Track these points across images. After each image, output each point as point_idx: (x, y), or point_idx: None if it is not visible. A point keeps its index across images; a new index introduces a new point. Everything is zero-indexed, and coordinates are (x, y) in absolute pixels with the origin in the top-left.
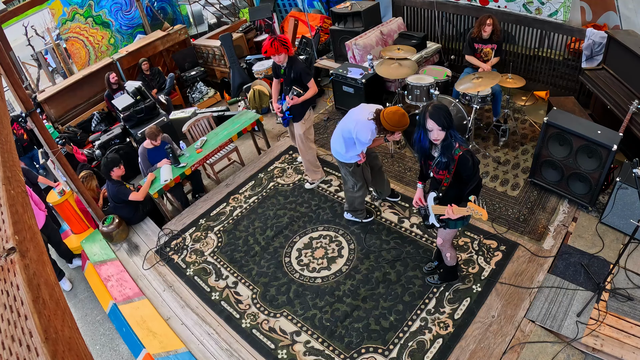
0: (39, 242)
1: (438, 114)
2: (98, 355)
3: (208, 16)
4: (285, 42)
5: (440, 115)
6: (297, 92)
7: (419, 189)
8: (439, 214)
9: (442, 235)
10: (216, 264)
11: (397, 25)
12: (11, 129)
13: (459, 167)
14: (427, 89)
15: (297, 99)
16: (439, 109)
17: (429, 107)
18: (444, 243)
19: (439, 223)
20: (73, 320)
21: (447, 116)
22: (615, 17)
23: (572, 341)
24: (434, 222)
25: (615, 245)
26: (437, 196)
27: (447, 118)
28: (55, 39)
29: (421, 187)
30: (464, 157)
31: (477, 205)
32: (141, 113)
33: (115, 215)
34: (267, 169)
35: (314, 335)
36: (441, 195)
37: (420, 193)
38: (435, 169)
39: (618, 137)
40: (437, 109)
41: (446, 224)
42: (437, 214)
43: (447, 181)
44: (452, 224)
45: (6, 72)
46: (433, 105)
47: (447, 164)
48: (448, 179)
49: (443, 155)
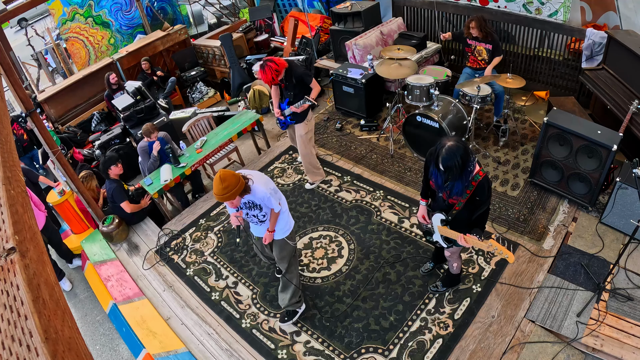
0: (39, 242)
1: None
2: (98, 355)
3: (208, 16)
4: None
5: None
6: (309, 101)
7: (422, 206)
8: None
9: (451, 250)
10: (216, 264)
11: (397, 25)
12: (11, 129)
13: (476, 192)
14: (427, 89)
15: (308, 104)
16: (451, 156)
17: (442, 151)
18: (452, 255)
19: (446, 244)
20: (73, 320)
21: (459, 165)
22: (615, 17)
23: (572, 341)
24: (440, 241)
25: (615, 245)
26: (446, 219)
27: (459, 168)
28: (55, 39)
29: (424, 204)
30: (482, 184)
31: (500, 244)
32: (141, 113)
33: (115, 215)
34: (267, 169)
35: (314, 335)
36: (450, 220)
37: (424, 210)
38: (449, 194)
39: (618, 137)
40: (450, 156)
41: (453, 244)
42: (442, 235)
43: (459, 205)
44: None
45: (6, 72)
46: (447, 148)
47: (464, 190)
48: (461, 204)
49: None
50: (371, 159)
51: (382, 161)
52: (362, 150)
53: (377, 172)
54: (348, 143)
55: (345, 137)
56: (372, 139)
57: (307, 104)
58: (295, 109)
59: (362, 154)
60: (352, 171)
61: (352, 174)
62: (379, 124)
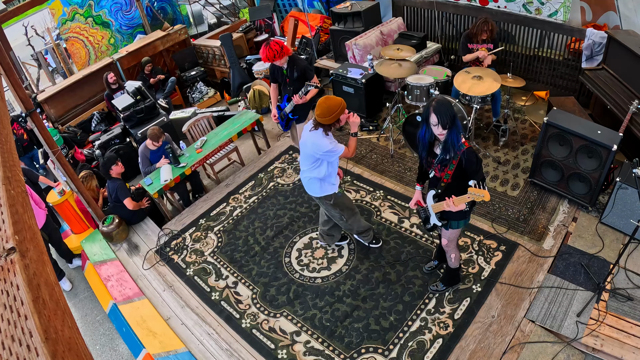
0: (39, 242)
1: (441, 110)
2: (98, 355)
3: (208, 16)
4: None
5: (442, 112)
6: (313, 85)
7: (417, 191)
8: (440, 211)
9: (447, 236)
10: (216, 264)
11: (397, 25)
12: (11, 129)
13: (464, 163)
14: (427, 89)
15: (314, 90)
16: (442, 105)
17: (433, 102)
18: (449, 244)
19: (440, 222)
20: (73, 320)
21: (451, 113)
22: (615, 17)
23: (572, 341)
24: (436, 221)
25: (615, 245)
26: (437, 193)
27: (450, 115)
28: (55, 39)
29: (419, 189)
30: (469, 152)
31: (477, 188)
32: (141, 113)
33: (115, 215)
34: (267, 169)
35: (314, 335)
36: (440, 192)
37: (419, 195)
38: (439, 167)
39: (618, 137)
40: (441, 105)
41: (448, 224)
42: (437, 212)
43: (447, 177)
44: (454, 224)
45: (6, 72)
46: (437, 100)
47: (450, 160)
48: (449, 175)
49: (447, 151)
50: (371, 159)
51: (382, 161)
52: (362, 150)
53: (377, 172)
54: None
55: (345, 137)
56: (372, 139)
57: (313, 89)
58: (299, 99)
59: (362, 153)
60: (352, 171)
61: (352, 173)
62: (379, 124)
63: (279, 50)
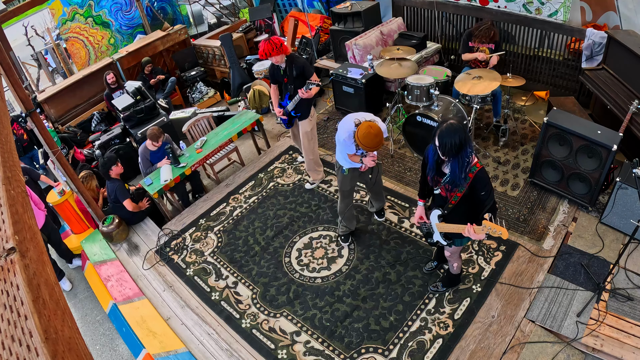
0: (39, 242)
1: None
2: (98, 355)
3: (208, 16)
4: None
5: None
6: (314, 84)
7: (420, 206)
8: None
9: (450, 250)
10: (216, 264)
11: (397, 25)
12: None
13: (476, 185)
14: (427, 89)
15: (316, 88)
16: (449, 133)
17: (442, 125)
18: (452, 255)
19: (445, 241)
20: (73, 320)
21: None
22: (615, 17)
23: (572, 341)
24: (440, 239)
25: (615, 245)
26: (442, 214)
27: (453, 145)
28: (55, 39)
29: (422, 205)
30: (480, 176)
31: (493, 223)
32: (141, 113)
33: (115, 215)
34: (267, 169)
35: (314, 335)
36: (446, 213)
37: (422, 211)
38: (446, 187)
39: (618, 137)
40: (448, 132)
41: (452, 242)
42: (442, 232)
43: (455, 199)
44: (458, 242)
45: (6, 72)
46: (448, 125)
47: (459, 182)
48: (457, 197)
49: (453, 176)
50: None
51: (382, 161)
52: None
53: None
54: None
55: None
56: None
57: (314, 87)
58: (304, 92)
59: None
60: None
61: None
62: None
63: (278, 46)
